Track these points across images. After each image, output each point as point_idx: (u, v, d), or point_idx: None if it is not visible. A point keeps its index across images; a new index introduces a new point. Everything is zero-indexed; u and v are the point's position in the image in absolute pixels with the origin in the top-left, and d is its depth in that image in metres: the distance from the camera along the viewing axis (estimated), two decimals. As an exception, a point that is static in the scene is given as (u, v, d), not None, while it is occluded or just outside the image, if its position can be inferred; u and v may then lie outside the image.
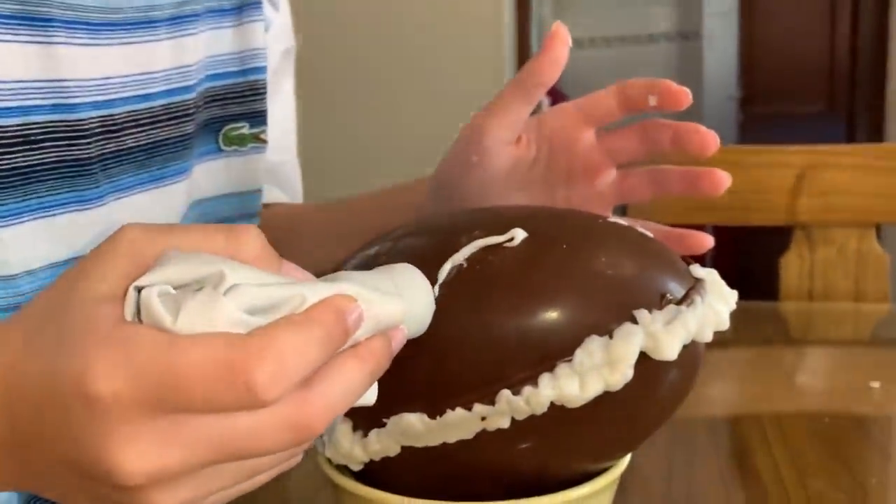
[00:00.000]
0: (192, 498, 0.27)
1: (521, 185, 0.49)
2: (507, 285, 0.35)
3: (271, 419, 0.26)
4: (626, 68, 4.42)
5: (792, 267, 1.06)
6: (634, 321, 0.34)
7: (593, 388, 0.33)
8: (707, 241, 0.48)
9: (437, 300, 0.35)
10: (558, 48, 0.45)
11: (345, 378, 0.28)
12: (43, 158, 0.44)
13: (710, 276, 0.37)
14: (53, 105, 0.44)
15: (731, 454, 0.59)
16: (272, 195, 0.66)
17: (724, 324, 0.35)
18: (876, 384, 0.70)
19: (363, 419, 0.36)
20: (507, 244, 0.36)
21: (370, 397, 0.31)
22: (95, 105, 0.46)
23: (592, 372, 0.33)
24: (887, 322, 1.02)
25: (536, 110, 0.50)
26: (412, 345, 0.35)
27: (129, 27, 0.49)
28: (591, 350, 0.33)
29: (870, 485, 0.54)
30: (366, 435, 0.36)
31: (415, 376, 0.35)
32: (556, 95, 4.50)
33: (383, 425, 0.35)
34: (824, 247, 1.06)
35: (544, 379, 0.33)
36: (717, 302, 0.35)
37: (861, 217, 1.04)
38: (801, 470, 0.54)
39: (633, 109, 0.47)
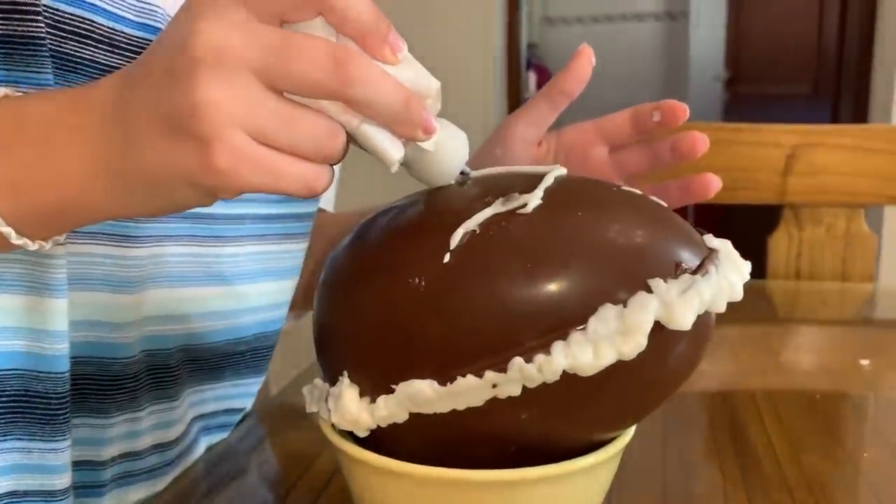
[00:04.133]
0: (236, 101, 0.30)
1: None
2: (520, 252, 0.34)
3: (317, 42, 0.31)
4: (613, 47, 4.40)
5: (780, 246, 1.07)
6: (649, 290, 0.33)
7: (606, 357, 0.33)
8: (715, 183, 0.53)
9: (449, 266, 0.34)
10: (583, 65, 0.53)
11: (380, 71, 0.32)
12: None
13: (724, 246, 0.36)
14: None
15: (725, 429, 0.60)
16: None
17: (738, 294, 0.35)
18: (865, 362, 0.71)
19: (371, 385, 0.36)
20: (521, 211, 0.35)
21: (394, 152, 0.34)
22: None
23: (606, 341, 0.33)
24: (873, 301, 1.03)
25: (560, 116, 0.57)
26: (423, 311, 0.34)
27: None
28: (605, 318, 0.33)
29: (862, 459, 0.54)
30: (373, 401, 0.36)
31: (425, 342, 0.34)
32: (541, 72, 4.48)
33: (392, 391, 0.35)
34: (813, 226, 1.06)
35: (557, 347, 0.33)
36: (732, 272, 0.35)
37: (850, 198, 1.05)
38: (794, 444, 0.55)
39: (643, 128, 0.54)
